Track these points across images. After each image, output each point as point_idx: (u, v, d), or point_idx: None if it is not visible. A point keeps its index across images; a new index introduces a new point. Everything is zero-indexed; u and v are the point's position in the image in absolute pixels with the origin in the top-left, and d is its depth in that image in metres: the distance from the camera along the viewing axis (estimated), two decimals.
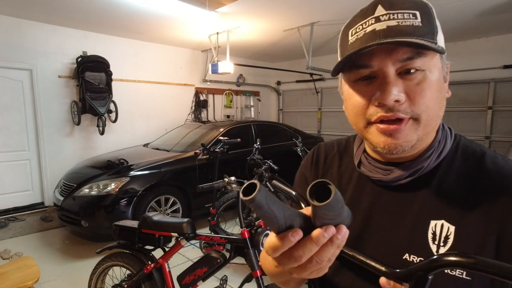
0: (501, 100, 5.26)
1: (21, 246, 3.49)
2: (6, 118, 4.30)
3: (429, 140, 0.54)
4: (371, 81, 0.50)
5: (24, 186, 4.55)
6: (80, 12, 4.01)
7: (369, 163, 0.60)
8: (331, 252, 0.37)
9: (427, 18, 0.47)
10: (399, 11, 0.47)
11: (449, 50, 2.80)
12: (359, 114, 0.52)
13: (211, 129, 4.66)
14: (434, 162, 0.54)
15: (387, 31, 0.46)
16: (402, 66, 0.48)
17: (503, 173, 0.50)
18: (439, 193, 0.53)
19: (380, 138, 0.50)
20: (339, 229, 0.36)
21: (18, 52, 4.30)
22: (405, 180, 0.55)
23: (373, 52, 0.48)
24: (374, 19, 0.48)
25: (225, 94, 7.01)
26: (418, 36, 0.45)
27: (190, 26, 4.61)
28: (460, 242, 0.49)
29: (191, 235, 1.79)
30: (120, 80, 5.22)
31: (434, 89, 0.49)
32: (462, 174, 0.53)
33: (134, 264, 1.88)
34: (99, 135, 4.93)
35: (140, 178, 3.59)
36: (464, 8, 3.91)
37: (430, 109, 0.49)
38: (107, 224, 3.29)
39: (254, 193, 0.31)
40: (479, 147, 0.56)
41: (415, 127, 0.49)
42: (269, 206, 0.33)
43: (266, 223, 0.35)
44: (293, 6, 3.78)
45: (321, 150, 0.72)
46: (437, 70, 0.51)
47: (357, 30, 0.49)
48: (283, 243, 0.36)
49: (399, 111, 0.48)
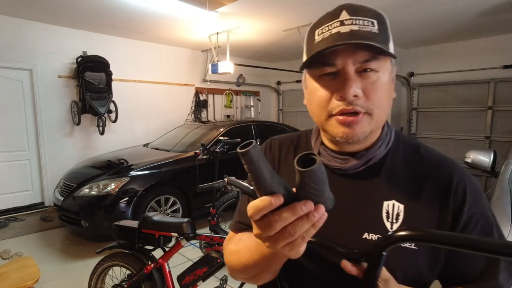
0: (501, 100, 5.26)
1: (21, 246, 3.49)
2: (6, 118, 4.30)
3: (378, 134, 0.63)
4: (334, 77, 0.56)
5: (24, 186, 4.55)
6: (81, 12, 4.01)
7: (327, 153, 0.66)
8: (305, 227, 0.40)
9: (383, 27, 0.55)
10: (360, 18, 0.54)
11: (449, 50, 2.81)
12: (322, 106, 0.58)
13: (211, 129, 4.66)
14: (383, 151, 0.63)
15: (351, 34, 0.52)
16: (360, 66, 0.55)
17: (433, 159, 0.63)
18: (388, 178, 0.62)
19: (339, 129, 0.57)
20: (318, 207, 0.39)
21: (18, 52, 4.30)
22: (361, 168, 0.62)
23: (337, 52, 0.54)
24: (339, 22, 0.54)
25: (225, 94, 7.01)
26: (376, 42, 0.52)
27: (190, 26, 4.61)
28: (409, 218, 0.58)
29: (191, 235, 1.79)
30: (120, 80, 5.22)
31: (385, 89, 0.57)
32: (405, 161, 0.63)
33: (134, 264, 1.88)
34: (99, 135, 4.93)
35: (140, 178, 3.59)
36: (464, 8, 3.91)
37: (381, 106, 0.57)
38: (107, 224, 3.28)
39: (249, 147, 0.35)
40: (414, 140, 0.68)
41: (368, 121, 0.57)
42: (259, 164, 0.36)
43: (253, 181, 0.38)
44: (293, 6, 3.78)
45: (274, 144, 0.77)
46: (388, 73, 0.58)
47: (323, 31, 0.56)
48: (264, 205, 0.38)
49: (357, 105, 0.55)
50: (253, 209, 0.39)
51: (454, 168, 0.62)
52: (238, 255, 0.63)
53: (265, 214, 0.39)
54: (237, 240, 0.68)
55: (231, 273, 0.68)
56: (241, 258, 0.61)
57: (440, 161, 0.63)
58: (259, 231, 0.42)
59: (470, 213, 0.58)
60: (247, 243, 0.60)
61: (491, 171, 2.45)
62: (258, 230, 0.42)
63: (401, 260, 0.57)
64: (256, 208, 0.39)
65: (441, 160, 0.64)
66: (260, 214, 0.39)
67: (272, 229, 0.39)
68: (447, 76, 5.73)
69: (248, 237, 0.62)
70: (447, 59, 5.70)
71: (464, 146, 5.37)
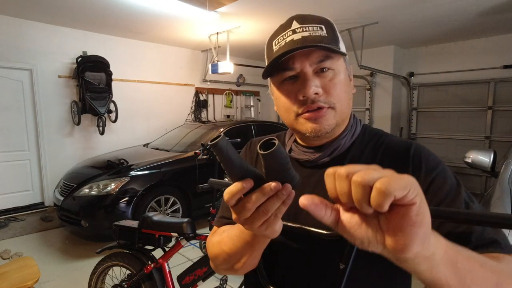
0: (501, 100, 5.26)
1: (21, 246, 3.49)
2: (6, 118, 4.30)
3: (343, 127, 0.68)
4: (295, 80, 0.63)
5: (24, 186, 4.55)
6: (80, 12, 4.01)
7: (298, 149, 0.72)
8: (276, 205, 0.43)
9: (331, 31, 0.62)
10: (309, 25, 0.61)
11: (449, 50, 2.81)
12: (289, 108, 0.64)
13: (211, 129, 4.66)
14: (348, 141, 0.68)
15: (303, 40, 0.59)
16: (317, 66, 0.61)
17: (394, 142, 0.67)
18: (352, 163, 0.61)
19: (308, 125, 0.62)
20: (285, 186, 0.42)
21: (18, 52, 4.30)
22: (327, 158, 0.67)
23: (294, 57, 0.60)
24: (291, 31, 0.61)
25: (225, 94, 7.01)
26: (326, 43, 0.59)
27: (190, 26, 4.61)
28: None
29: (191, 235, 1.79)
30: (120, 80, 5.22)
31: (342, 85, 0.64)
32: (367, 148, 0.68)
33: (134, 264, 1.88)
34: (99, 135, 4.93)
35: (140, 178, 3.59)
36: (464, 8, 3.92)
37: (342, 100, 0.63)
38: (107, 224, 3.28)
39: (218, 139, 0.40)
40: (380, 130, 0.73)
41: (333, 114, 0.62)
42: (228, 153, 0.40)
43: (225, 169, 0.42)
44: (293, 6, 3.78)
45: (254, 144, 0.83)
46: (343, 70, 0.65)
47: (279, 40, 0.63)
48: (238, 189, 0.42)
49: (319, 101, 0.61)
50: (228, 194, 0.43)
51: (411, 144, 0.66)
52: (221, 244, 0.66)
53: (240, 198, 0.44)
54: (220, 232, 0.71)
55: (214, 265, 0.71)
56: (224, 247, 0.64)
57: (400, 141, 0.68)
58: (236, 215, 0.46)
59: (429, 179, 0.59)
60: (230, 232, 0.63)
61: (491, 171, 2.45)
62: (235, 214, 0.46)
63: None
64: (230, 193, 0.43)
65: (401, 140, 0.68)
66: (235, 198, 0.43)
67: (247, 211, 0.43)
68: (447, 76, 5.73)
69: (230, 228, 0.66)
70: (447, 59, 5.70)
71: (464, 146, 5.37)
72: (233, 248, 0.61)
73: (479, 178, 5.40)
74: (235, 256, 0.62)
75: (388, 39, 5.45)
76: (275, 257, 0.68)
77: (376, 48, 5.96)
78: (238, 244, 0.60)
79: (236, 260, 0.63)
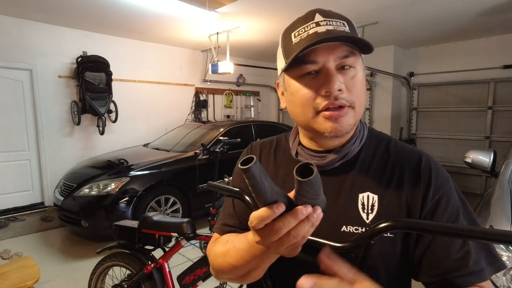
0: (501, 100, 5.26)
1: (21, 246, 3.49)
2: (6, 118, 4.30)
3: (354, 129, 0.66)
4: (315, 76, 0.59)
5: (24, 186, 4.55)
6: (80, 12, 4.01)
7: (305, 153, 0.69)
8: (306, 228, 0.43)
9: (352, 28, 0.59)
10: (333, 19, 0.58)
11: (449, 50, 2.81)
12: (308, 104, 0.60)
13: (211, 129, 4.66)
14: (357, 147, 0.66)
15: (328, 33, 0.56)
16: (340, 62, 0.58)
17: (402, 150, 0.67)
18: (362, 171, 0.65)
19: (327, 124, 0.59)
20: (315, 209, 0.42)
21: (18, 52, 4.30)
22: (337, 164, 0.65)
23: (317, 50, 0.57)
24: (314, 23, 0.58)
25: (225, 94, 7.01)
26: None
27: (190, 26, 4.61)
28: (383, 208, 0.61)
29: (191, 235, 1.79)
30: (120, 80, 5.22)
31: (362, 84, 0.62)
32: (377, 155, 0.67)
33: (134, 264, 1.88)
34: (99, 135, 4.93)
35: (140, 178, 3.59)
36: (464, 8, 3.92)
37: (361, 99, 0.61)
38: (107, 224, 3.29)
39: (251, 164, 0.37)
40: (385, 135, 0.71)
41: (352, 114, 0.60)
42: (261, 178, 0.38)
43: (255, 193, 0.40)
44: (293, 6, 3.78)
45: (255, 148, 0.80)
46: (362, 69, 0.62)
47: (300, 32, 0.59)
48: (268, 214, 0.41)
49: (342, 99, 0.58)
50: (257, 219, 0.42)
51: (421, 155, 0.65)
52: (226, 256, 0.63)
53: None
54: (224, 242, 0.68)
55: (216, 274, 0.69)
56: (230, 259, 0.62)
57: (409, 150, 0.67)
58: (260, 238, 0.44)
59: (437, 197, 0.60)
60: (236, 244, 0.61)
61: (491, 171, 2.45)
62: (259, 237, 0.44)
63: (380, 248, 0.60)
64: (260, 218, 0.42)
65: (410, 149, 0.67)
66: (264, 223, 0.42)
67: (275, 235, 0.42)
68: (447, 76, 5.73)
69: (235, 238, 0.63)
70: (447, 59, 5.70)
71: (464, 146, 5.37)
72: (241, 262, 0.59)
73: (479, 178, 5.40)
74: (242, 269, 0.60)
75: (388, 39, 5.45)
76: (282, 266, 0.65)
77: (376, 48, 5.93)
78: (247, 258, 0.57)
79: (243, 272, 0.61)
